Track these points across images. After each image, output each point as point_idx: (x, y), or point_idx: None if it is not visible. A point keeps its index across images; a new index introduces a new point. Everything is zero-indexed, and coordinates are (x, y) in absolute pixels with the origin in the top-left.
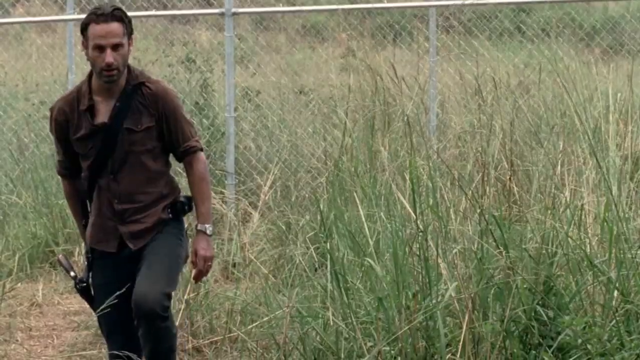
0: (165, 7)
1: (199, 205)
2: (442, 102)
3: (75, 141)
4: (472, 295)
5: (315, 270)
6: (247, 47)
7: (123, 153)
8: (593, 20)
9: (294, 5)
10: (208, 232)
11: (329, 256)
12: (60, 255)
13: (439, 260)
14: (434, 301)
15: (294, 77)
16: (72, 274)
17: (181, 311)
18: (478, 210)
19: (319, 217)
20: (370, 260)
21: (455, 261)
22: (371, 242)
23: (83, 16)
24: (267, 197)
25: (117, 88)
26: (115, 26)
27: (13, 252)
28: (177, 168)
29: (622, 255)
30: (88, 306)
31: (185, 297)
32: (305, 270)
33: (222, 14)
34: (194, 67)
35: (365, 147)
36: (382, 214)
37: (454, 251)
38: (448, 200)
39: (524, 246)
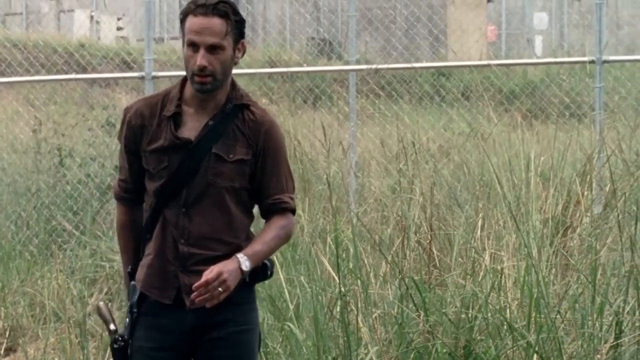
0: (85, 70)
1: (255, 242)
2: (363, 165)
3: (147, 153)
4: (392, 359)
5: None
6: None
7: (204, 184)
8: (512, 85)
9: None
10: (243, 266)
11: None
12: (101, 303)
13: (360, 325)
14: None
15: None
16: (111, 327)
17: None
18: (398, 275)
19: None
20: (290, 325)
21: (376, 325)
22: (291, 307)
23: None
24: None
25: (214, 103)
26: (216, 22)
27: None
28: None
29: (541, 320)
30: None
31: None
32: None
33: (142, 78)
34: (113, 131)
35: None
36: (302, 278)
37: (374, 315)
38: (368, 264)
39: (443, 310)
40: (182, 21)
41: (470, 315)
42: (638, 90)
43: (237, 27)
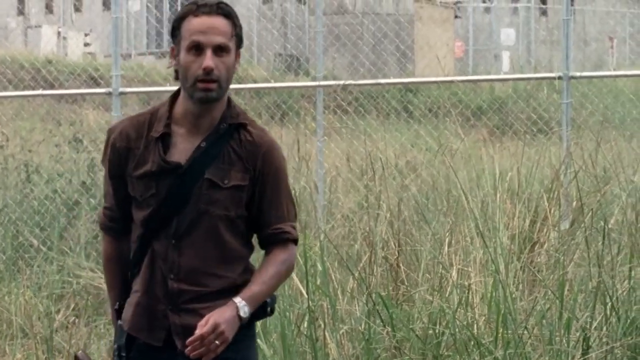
0: (52, 87)
1: (254, 282)
2: (330, 181)
3: (134, 179)
4: None
5: None
6: None
7: (195, 212)
8: (480, 101)
9: None
10: (241, 312)
11: None
12: (79, 352)
13: (327, 340)
14: None
15: None
16: None
17: None
18: (366, 290)
19: None
20: (258, 341)
21: (343, 341)
22: (258, 322)
23: None
24: None
25: (209, 122)
26: (222, 22)
27: None
28: None
29: (509, 335)
30: None
31: None
32: None
33: (109, 94)
34: (81, 147)
35: None
36: None
37: (341, 331)
38: (336, 280)
39: (411, 326)
40: (177, 27)
41: (437, 331)
42: (605, 106)
43: (240, 32)
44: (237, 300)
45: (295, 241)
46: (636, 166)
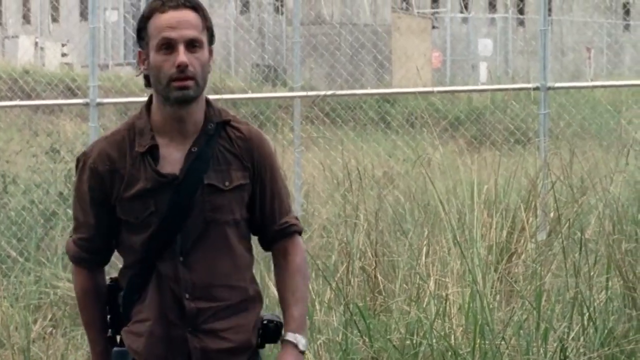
0: (29, 97)
1: (290, 306)
2: (307, 192)
3: (126, 202)
4: None
5: None
6: None
7: (201, 223)
8: (457, 111)
9: None
10: (300, 346)
11: None
12: None
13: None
14: None
15: None
16: None
17: None
18: (343, 301)
19: None
20: None
21: (320, 352)
22: None
23: None
24: None
25: (193, 126)
26: (191, 15)
27: None
28: None
29: (486, 346)
30: None
31: None
32: None
33: (86, 104)
34: (58, 158)
35: None
36: None
37: (319, 342)
38: (313, 290)
39: (388, 337)
40: (144, 27)
41: (415, 341)
42: (582, 116)
43: (210, 25)
44: (291, 337)
45: (301, 232)
46: (613, 176)
